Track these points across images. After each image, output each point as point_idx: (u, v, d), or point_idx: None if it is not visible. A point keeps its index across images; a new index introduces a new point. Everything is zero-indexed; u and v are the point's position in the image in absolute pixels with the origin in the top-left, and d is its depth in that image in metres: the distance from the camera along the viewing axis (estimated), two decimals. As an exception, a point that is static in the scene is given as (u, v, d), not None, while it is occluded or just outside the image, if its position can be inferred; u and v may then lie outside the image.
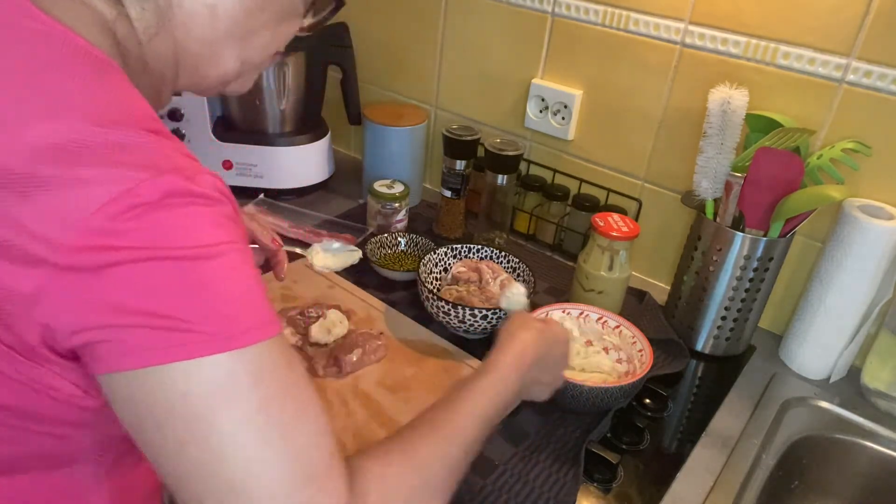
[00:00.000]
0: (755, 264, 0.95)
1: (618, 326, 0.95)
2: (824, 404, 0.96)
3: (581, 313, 0.97)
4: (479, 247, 1.08)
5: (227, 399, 0.43)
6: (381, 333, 0.96)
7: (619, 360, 0.94)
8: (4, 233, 0.40)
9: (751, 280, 0.97)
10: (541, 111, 1.23)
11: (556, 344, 0.75)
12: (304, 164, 1.34)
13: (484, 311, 0.93)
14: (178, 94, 1.24)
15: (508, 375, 0.67)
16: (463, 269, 1.05)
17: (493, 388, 0.64)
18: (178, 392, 0.42)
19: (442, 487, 0.55)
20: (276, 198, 1.32)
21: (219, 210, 0.45)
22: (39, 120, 0.42)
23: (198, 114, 1.27)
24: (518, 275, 1.05)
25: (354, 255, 0.93)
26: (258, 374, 0.44)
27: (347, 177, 1.44)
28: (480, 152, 1.23)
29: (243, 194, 1.30)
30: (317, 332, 0.93)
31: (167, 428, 0.43)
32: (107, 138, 0.42)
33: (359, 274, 1.13)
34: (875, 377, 0.97)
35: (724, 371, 1.02)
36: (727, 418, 0.92)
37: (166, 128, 0.48)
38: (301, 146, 1.32)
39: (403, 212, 1.24)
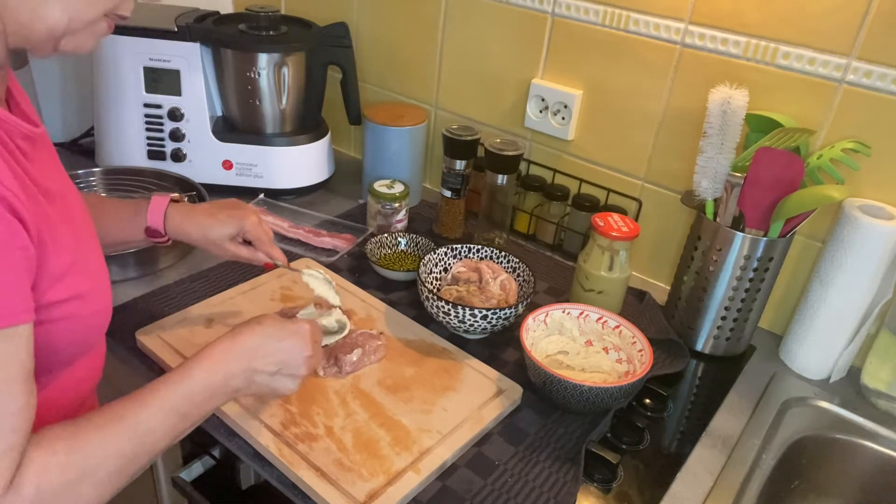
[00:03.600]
0: (755, 264, 0.95)
1: (618, 326, 0.95)
2: (824, 404, 0.96)
3: (581, 313, 0.97)
4: (479, 247, 1.08)
5: None
6: (381, 333, 0.96)
7: (619, 360, 0.94)
8: None
9: (751, 280, 0.97)
10: (541, 111, 1.23)
11: (283, 334, 0.71)
12: (304, 164, 1.34)
13: (484, 311, 0.93)
14: (23, 59, 1.18)
15: (208, 367, 0.65)
16: (463, 269, 1.05)
17: (185, 381, 0.64)
18: None
19: (109, 479, 0.57)
20: (276, 198, 1.32)
21: None
22: None
23: (198, 114, 1.27)
24: (518, 275, 1.05)
25: (333, 296, 0.92)
26: None
27: (347, 177, 1.44)
28: (480, 152, 1.23)
29: (243, 194, 1.30)
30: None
31: None
32: None
33: (359, 274, 1.13)
34: (875, 377, 0.97)
35: (724, 371, 1.02)
36: (727, 418, 0.92)
37: None
38: (301, 146, 1.32)
39: (403, 212, 1.24)
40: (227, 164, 1.29)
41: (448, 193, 1.24)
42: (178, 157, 1.28)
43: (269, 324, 0.71)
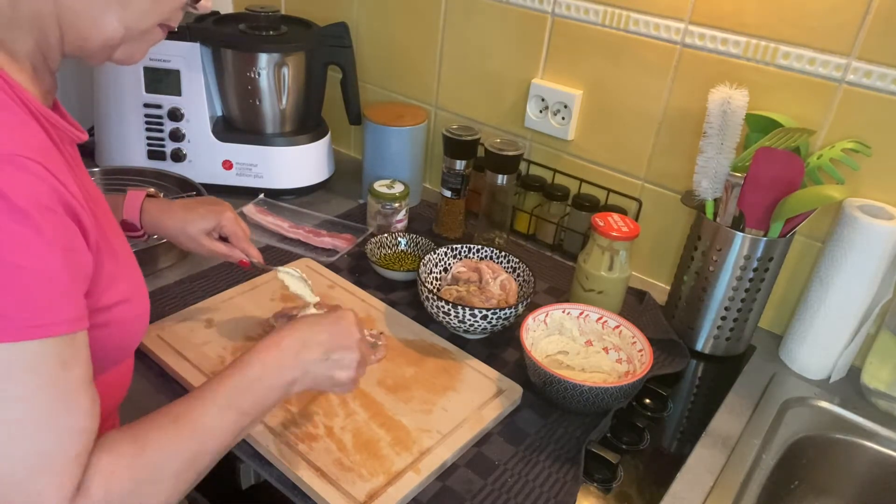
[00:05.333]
0: (755, 264, 0.95)
1: (618, 326, 0.95)
2: (824, 404, 0.96)
3: (581, 313, 0.97)
4: (479, 247, 1.08)
5: None
6: (381, 333, 0.96)
7: (619, 360, 0.94)
8: None
9: (751, 280, 0.97)
10: (541, 111, 1.23)
11: (328, 321, 0.72)
12: (304, 164, 1.34)
13: (484, 311, 0.93)
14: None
15: (260, 361, 0.65)
16: (463, 269, 1.05)
17: (237, 376, 0.64)
18: None
19: (175, 480, 0.57)
20: (276, 198, 1.32)
21: (16, 201, 0.47)
22: None
23: (198, 114, 1.27)
24: (518, 275, 1.05)
25: (309, 294, 0.92)
26: (29, 368, 0.49)
27: (347, 177, 1.44)
28: (480, 152, 1.23)
29: (243, 194, 1.30)
30: None
31: None
32: None
33: (359, 274, 1.13)
34: (875, 377, 0.97)
35: (724, 371, 1.02)
36: (727, 418, 0.92)
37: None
38: (301, 146, 1.32)
39: (403, 212, 1.24)
40: (227, 164, 1.29)
41: (448, 193, 1.24)
42: (178, 157, 1.28)
43: (313, 317, 0.72)
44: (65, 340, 0.51)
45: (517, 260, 1.05)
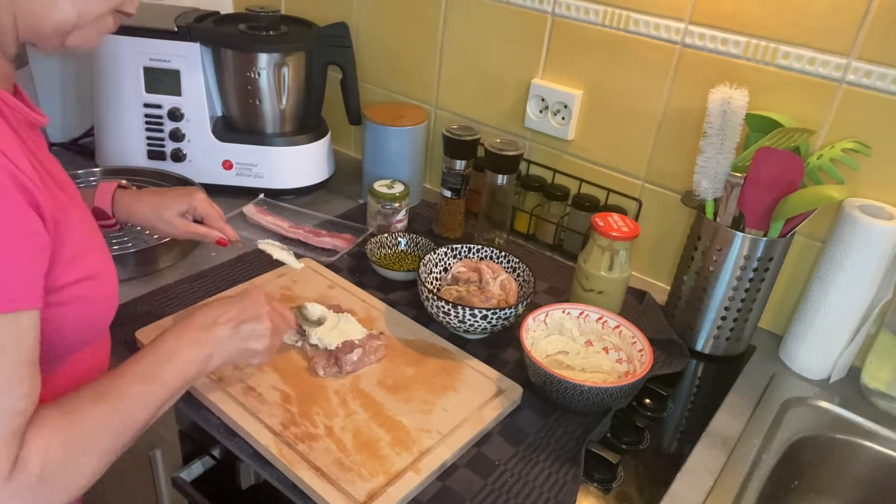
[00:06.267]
0: (755, 264, 0.95)
1: (618, 326, 0.95)
2: (824, 404, 0.96)
3: (581, 313, 0.97)
4: (479, 247, 1.08)
5: None
6: (381, 333, 0.96)
7: (619, 360, 0.94)
8: None
9: (751, 280, 0.97)
10: (541, 111, 1.23)
11: (235, 297, 0.77)
12: (304, 164, 1.34)
13: (484, 311, 0.93)
14: (23, 59, 1.19)
15: (174, 335, 0.70)
16: (463, 269, 1.05)
17: (155, 349, 0.68)
18: None
19: (105, 451, 0.61)
20: (276, 198, 1.32)
21: None
22: None
23: (198, 114, 1.27)
24: (518, 275, 1.05)
25: (293, 261, 0.96)
26: None
27: (347, 177, 1.44)
28: (480, 152, 1.23)
29: (243, 194, 1.30)
30: (319, 337, 0.92)
31: None
32: None
33: (359, 274, 1.13)
34: (875, 377, 0.97)
35: (724, 371, 1.02)
36: (727, 418, 0.92)
37: None
38: (301, 146, 1.32)
39: (403, 212, 1.24)
40: (227, 164, 1.29)
41: (448, 193, 1.24)
42: (178, 157, 1.28)
43: (224, 297, 0.77)
44: (5, 320, 0.52)
45: (517, 260, 1.05)
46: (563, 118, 1.20)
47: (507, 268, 1.06)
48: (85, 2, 0.60)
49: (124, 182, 0.94)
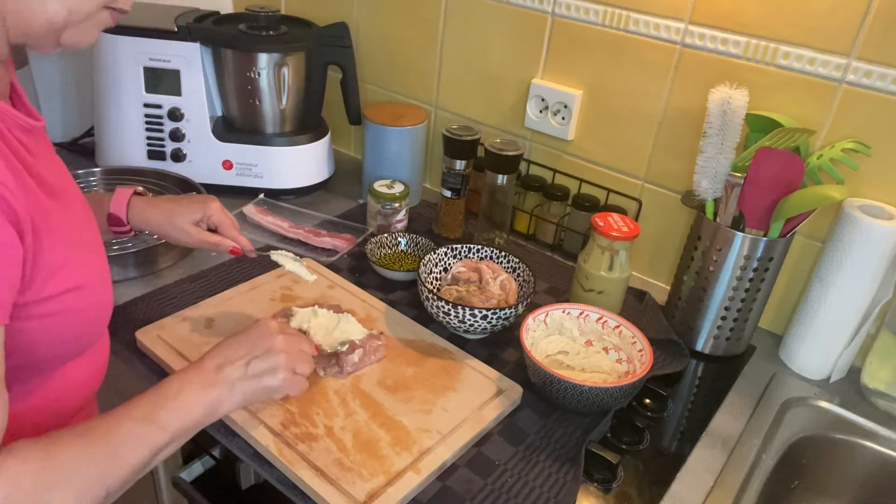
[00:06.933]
0: (755, 264, 0.95)
1: (618, 326, 0.95)
2: (824, 404, 0.96)
3: (581, 313, 0.97)
4: (479, 247, 1.08)
5: None
6: (381, 333, 0.96)
7: (619, 360, 0.94)
8: None
9: (751, 280, 0.97)
10: (541, 111, 1.23)
11: (242, 330, 0.74)
12: (304, 164, 1.34)
13: (484, 311, 0.93)
14: (23, 59, 1.20)
15: (181, 377, 0.67)
16: (463, 269, 1.05)
17: (158, 390, 0.65)
18: None
19: (83, 491, 0.56)
20: (276, 198, 1.32)
21: None
22: None
23: (198, 114, 1.27)
24: (518, 275, 1.05)
25: (305, 273, 0.94)
26: None
27: (347, 177, 1.44)
28: (480, 152, 1.23)
29: (243, 194, 1.30)
30: (320, 338, 0.92)
31: None
32: None
33: (359, 274, 1.13)
34: (875, 377, 0.97)
35: (724, 371, 1.02)
36: (727, 418, 0.92)
37: None
38: (301, 146, 1.32)
39: (403, 212, 1.24)
40: (227, 164, 1.29)
41: (448, 193, 1.24)
42: (178, 157, 1.28)
43: (231, 336, 0.73)
44: None
45: (517, 260, 1.05)
46: (563, 118, 1.20)
47: (507, 268, 1.06)
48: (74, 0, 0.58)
49: (140, 189, 0.93)
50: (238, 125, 1.33)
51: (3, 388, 0.54)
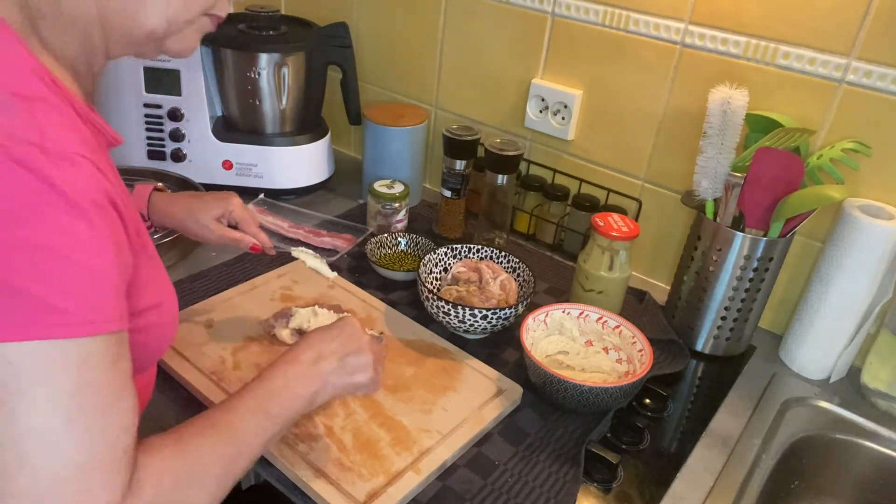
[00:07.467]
0: (755, 264, 0.95)
1: (618, 326, 0.95)
2: (824, 404, 0.96)
3: (581, 313, 0.97)
4: (479, 247, 1.08)
5: (46, 378, 0.46)
6: (381, 333, 0.96)
7: (619, 360, 0.94)
8: None
9: (751, 280, 0.97)
10: (541, 111, 1.23)
11: (332, 327, 0.73)
12: (304, 164, 1.34)
13: (484, 311, 0.93)
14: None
15: (283, 373, 0.67)
16: (463, 269, 1.05)
17: (264, 382, 0.65)
18: (4, 360, 0.45)
19: (216, 483, 0.57)
20: (276, 198, 1.32)
21: (72, 197, 0.47)
22: None
23: (198, 114, 1.27)
24: (518, 275, 1.05)
25: (326, 269, 0.94)
26: (80, 364, 0.48)
27: (347, 177, 1.44)
28: (480, 152, 1.23)
29: (243, 194, 1.29)
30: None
31: None
32: None
33: (359, 274, 1.13)
34: (875, 377, 0.97)
35: (724, 371, 1.02)
36: (727, 418, 0.92)
37: (44, 89, 0.50)
38: (301, 146, 1.32)
39: (403, 212, 1.24)
40: (227, 164, 1.29)
41: (448, 193, 1.24)
42: (178, 157, 1.28)
43: (322, 329, 0.73)
44: (115, 337, 0.51)
45: (517, 260, 1.05)
46: (563, 118, 1.20)
47: (507, 268, 1.06)
48: (173, 10, 0.58)
49: (160, 185, 0.93)
50: (238, 125, 1.33)
51: (132, 389, 0.53)
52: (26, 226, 0.45)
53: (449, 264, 1.07)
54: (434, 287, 1.05)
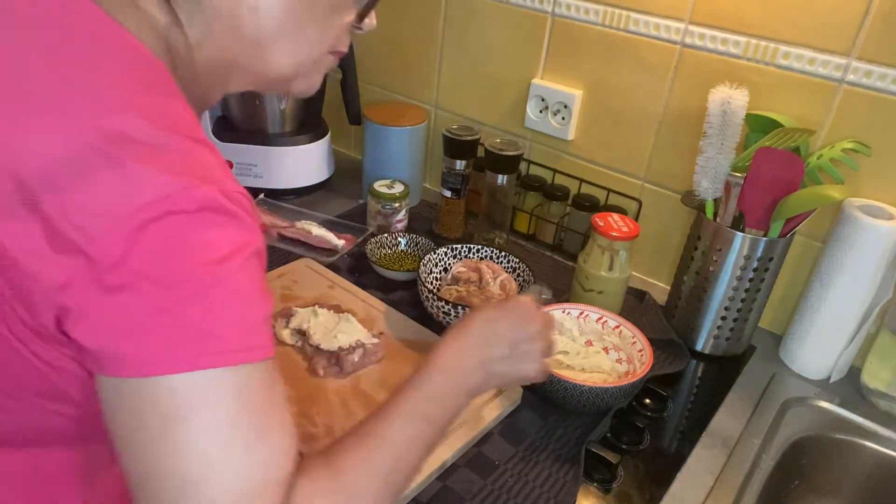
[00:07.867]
0: (755, 264, 0.95)
1: (618, 326, 0.95)
2: (824, 404, 0.96)
3: (581, 313, 0.97)
4: (479, 247, 1.08)
5: (207, 405, 0.45)
6: (381, 333, 0.96)
7: (619, 360, 0.94)
8: (53, 217, 0.42)
9: (751, 280, 0.97)
10: (541, 111, 1.23)
11: (505, 314, 0.69)
12: (304, 164, 1.34)
13: (484, 311, 0.92)
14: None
15: (443, 369, 0.63)
16: (463, 269, 1.05)
17: (422, 386, 0.62)
18: (164, 388, 0.44)
19: (374, 496, 0.54)
20: (277, 198, 1.32)
21: (242, 227, 0.47)
22: (101, 113, 0.44)
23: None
24: (518, 275, 1.05)
25: (332, 237, 0.95)
26: (240, 390, 0.46)
27: (347, 177, 1.44)
28: (480, 152, 1.23)
29: (243, 194, 1.30)
30: (320, 337, 0.92)
31: (145, 419, 0.44)
32: (156, 139, 0.44)
33: (359, 274, 1.13)
34: (875, 377, 0.97)
35: (724, 371, 1.02)
36: (727, 418, 0.92)
37: (205, 136, 0.49)
38: (301, 146, 1.32)
39: (403, 212, 1.24)
40: (227, 164, 1.29)
41: (448, 193, 1.24)
42: (178, 157, 1.28)
43: (488, 310, 0.68)
44: (272, 362, 0.49)
45: (517, 260, 1.05)
46: (563, 118, 1.20)
47: (507, 268, 1.06)
48: (302, 53, 0.58)
49: None
50: (238, 125, 1.33)
51: (288, 410, 0.51)
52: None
53: (449, 264, 1.07)
54: (434, 287, 1.05)
